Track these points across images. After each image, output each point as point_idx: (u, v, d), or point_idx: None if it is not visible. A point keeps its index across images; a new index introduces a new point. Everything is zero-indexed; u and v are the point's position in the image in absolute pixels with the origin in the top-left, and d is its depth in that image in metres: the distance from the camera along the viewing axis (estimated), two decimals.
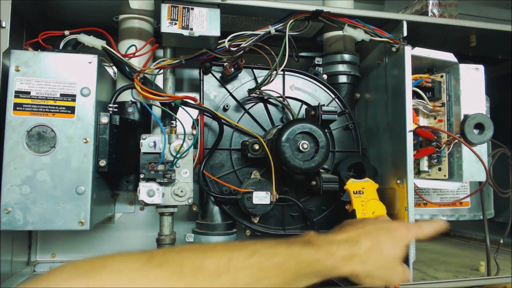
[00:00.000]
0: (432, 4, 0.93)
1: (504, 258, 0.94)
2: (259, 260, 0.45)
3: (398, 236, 0.57)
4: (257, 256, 0.45)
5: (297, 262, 0.48)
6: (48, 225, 0.62)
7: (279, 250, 0.48)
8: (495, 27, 0.82)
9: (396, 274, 0.56)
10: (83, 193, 0.63)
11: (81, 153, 0.63)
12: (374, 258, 0.54)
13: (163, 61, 0.74)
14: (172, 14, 0.68)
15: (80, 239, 0.90)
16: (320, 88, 0.85)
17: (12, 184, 0.61)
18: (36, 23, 0.80)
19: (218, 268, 0.42)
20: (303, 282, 0.49)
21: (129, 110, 0.76)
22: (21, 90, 0.62)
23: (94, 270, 0.37)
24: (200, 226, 0.78)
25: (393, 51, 0.76)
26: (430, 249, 1.07)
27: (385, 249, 0.55)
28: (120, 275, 0.37)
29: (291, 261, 0.47)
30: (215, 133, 0.79)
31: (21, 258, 0.83)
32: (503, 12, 1.20)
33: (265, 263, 0.45)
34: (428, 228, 0.60)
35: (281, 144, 0.68)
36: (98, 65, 0.66)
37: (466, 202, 0.89)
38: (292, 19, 0.74)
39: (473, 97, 0.76)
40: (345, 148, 0.84)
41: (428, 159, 0.79)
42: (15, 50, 0.63)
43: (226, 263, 0.43)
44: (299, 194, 0.82)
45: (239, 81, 0.81)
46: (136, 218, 0.94)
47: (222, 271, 0.42)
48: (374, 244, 0.54)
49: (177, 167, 0.71)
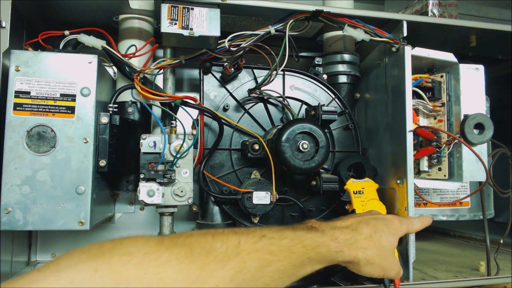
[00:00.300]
0: (432, 4, 0.93)
1: (504, 258, 0.94)
2: (267, 244, 0.45)
3: (393, 227, 0.59)
4: (265, 239, 0.45)
5: (303, 246, 0.48)
6: (48, 225, 0.62)
7: (285, 234, 0.48)
8: (495, 27, 0.82)
9: (394, 265, 0.58)
10: (83, 193, 0.63)
11: (81, 153, 0.63)
12: (374, 245, 0.55)
13: (163, 61, 0.74)
14: (172, 14, 0.68)
15: (80, 239, 0.90)
16: (320, 88, 0.85)
17: (12, 184, 0.61)
18: (36, 23, 0.80)
19: (227, 251, 0.42)
20: (308, 267, 0.49)
21: (129, 110, 0.76)
22: (21, 90, 0.62)
23: (103, 254, 0.37)
24: (200, 226, 0.78)
25: (393, 51, 0.76)
26: (430, 249, 1.07)
27: (383, 237, 0.56)
28: (131, 258, 0.37)
29: (298, 244, 0.48)
30: (215, 133, 0.79)
31: (21, 258, 0.83)
32: (503, 12, 1.20)
33: (273, 247, 0.45)
34: (417, 223, 0.63)
35: (281, 144, 0.68)
36: (98, 65, 0.66)
37: (466, 202, 0.89)
38: (292, 19, 0.74)
39: (473, 97, 0.76)
40: (345, 148, 0.84)
41: (428, 159, 0.79)
42: (15, 50, 0.63)
43: (235, 247, 0.43)
44: (299, 194, 0.82)
45: (239, 81, 0.81)
46: (136, 218, 0.94)
47: (232, 254, 0.42)
48: (373, 231, 0.56)
49: (177, 167, 0.71)
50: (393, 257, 0.58)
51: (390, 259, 0.57)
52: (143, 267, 0.36)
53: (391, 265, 0.57)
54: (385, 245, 0.56)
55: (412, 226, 0.63)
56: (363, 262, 0.54)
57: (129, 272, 0.35)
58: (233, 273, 0.41)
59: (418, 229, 0.64)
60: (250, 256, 0.43)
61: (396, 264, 0.59)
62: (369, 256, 0.54)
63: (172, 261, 0.38)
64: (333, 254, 0.51)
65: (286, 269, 0.46)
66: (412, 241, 0.71)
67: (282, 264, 0.45)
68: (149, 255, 0.38)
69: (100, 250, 0.37)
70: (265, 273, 0.44)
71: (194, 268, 0.39)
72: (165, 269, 0.37)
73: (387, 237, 0.57)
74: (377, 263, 0.55)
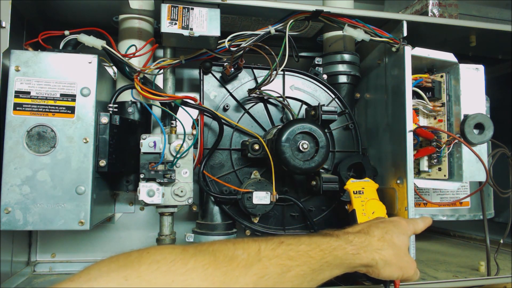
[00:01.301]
0: (432, 4, 0.93)
1: (504, 258, 0.94)
2: (286, 249, 0.46)
3: (402, 227, 0.60)
4: (283, 245, 0.46)
5: (320, 250, 0.49)
6: (48, 225, 0.62)
7: (302, 240, 0.49)
8: (495, 27, 0.82)
9: (410, 263, 0.58)
10: (83, 193, 0.63)
11: (81, 153, 0.63)
12: (388, 246, 0.56)
13: (163, 61, 0.74)
14: (172, 14, 0.68)
15: (80, 239, 0.90)
16: (320, 88, 0.85)
17: (12, 184, 0.61)
18: (36, 23, 0.80)
19: (249, 258, 0.43)
20: (327, 272, 0.50)
21: (129, 110, 0.76)
22: (21, 90, 0.62)
23: (131, 263, 0.38)
24: (200, 226, 0.78)
25: (393, 51, 0.76)
26: (430, 249, 1.07)
27: (394, 237, 0.57)
28: (158, 266, 0.37)
29: (316, 249, 0.49)
30: (215, 133, 0.79)
31: (21, 258, 0.83)
32: (503, 12, 1.20)
33: (292, 252, 0.46)
34: (421, 223, 0.64)
35: (281, 144, 0.68)
36: (98, 65, 0.66)
37: (466, 202, 0.89)
38: (292, 19, 0.74)
39: (473, 97, 0.76)
40: (345, 148, 0.84)
41: (428, 159, 0.79)
42: (15, 50, 0.63)
43: (256, 253, 0.44)
44: (299, 194, 0.82)
45: (239, 81, 0.81)
46: (136, 218, 0.94)
47: (254, 260, 0.43)
48: (384, 232, 0.57)
49: (177, 167, 0.71)
50: (408, 256, 0.58)
51: (406, 258, 0.58)
52: (170, 275, 0.37)
53: (408, 264, 0.58)
54: (398, 244, 0.57)
55: (417, 226, 0.64)
56: (381, 263, 0.54)
57: (157, 280, 0.36)
58: (256, 279, 0.42)
59: (423, 228, 0.65)
60: (271, 262, 0.44)
61: (413, 262, 0.59)
62: (386, 257, 0.55)
63: (197, 268, 0.39)
64: (350, 257, 0.51)
65: (306, 274, 0.47)
66: (412, 241, 0.71)
67: (302, 269, 0.46)
68: (175, 263, 0.38)
69: (128, 260, 0.38)
70: (286, 279, 0.45)
71: (219, 275, 0.40)
72: (191, 277, 0.38)
73: (399, 236, 0.58)
74: (395, 263, 0.55)
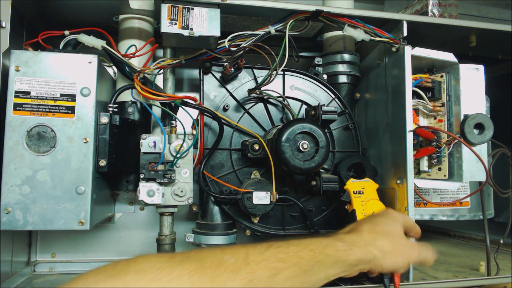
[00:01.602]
0: (432, 4, 0.93)
1: (504, 258, 0.94)
2: (274, 252, 0.46)
3: (391, 216, 0.61)
4: (272, 248, 0.46)
5: (310, 249, 0.49)
6: (48, 225, 0.62)
7: (291, 242, 0.50)
8: (495, 27, 0.82)
9: (410, 246, 0.58)
10: (83, 193, 0.63)
11: (81, 153, 0.63)
12: (380, 236, 0.56)
13: (163, 61, 0.74)
14: (172, 14, 0.68)
15: (80, 239, 0.90)
16: (320, 88, 0.85)
17: (12, 184, 0.61)
18: (36, 23, 0.80)
19: (237, 262, 0.43)
20: (321, 272, 0.49)
21: (129, 110, 0.76)
22: (21, 90, 0.62)
23: (118, 273, 0.38)
24: (200, 226, 0.78)
25: (393, 51, 0.76)
26: None
27: (385, 226, 0.57)
28: (145, 274, 0.38)
29: (305, 249, 0.49)
30: (215, 133, 0.79)
31: (21, 258, 0.83)
32: (503, 12, 1.20)
33: (281, 254, 0.46)
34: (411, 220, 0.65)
35: (281, 144, 0.68)
36: (98, 65, 0.66)
37: (466, 202, 0.89)
38: (292, 19, 0.74)
39: (473, 97, 0.76)
40: (345, 148, 0.84)
41: (428, 159, 0.79)
42: (15, 50, 0.63)
43: (244, 257, 0.44)
44: (299, 194, 0.82)
45: (239, 81, 0.81)
46: (136, 218, 0.94)
47: (241, 265, 0.43)
48: (374, 225, 0.57)
49: (177, 167, 0.71)
50: (405, 239, 0.58)
51: (403, 242, 0.57)
52: (157, 283, 0.37)
53: (408, 247, 0.57)
54: (391, 232, 0.57)
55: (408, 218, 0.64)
56: (379, 255, 0.53)
57: None
58: (244, 283, 0.42)
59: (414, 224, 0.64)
60: (259, 266, 0.44)
61: (413, 244, 0.58)
62: (382, 247, 0.54)
63: (184, 275, 0.39)
64: (342, 254, 0.51)
65: (297, 275, 0.46)
66: (412, 241, 0.71)
67: (292, 270, 0.46)
68: (161, 271, 0.39)
69: (115, 270, 0.38)
70: (276, 282, 0.44)
71: (206, 280, 0.40)
72: (178, 283, 0.38)
73: (389, 224, 0.58)
74: (393, 251, 0.55)
